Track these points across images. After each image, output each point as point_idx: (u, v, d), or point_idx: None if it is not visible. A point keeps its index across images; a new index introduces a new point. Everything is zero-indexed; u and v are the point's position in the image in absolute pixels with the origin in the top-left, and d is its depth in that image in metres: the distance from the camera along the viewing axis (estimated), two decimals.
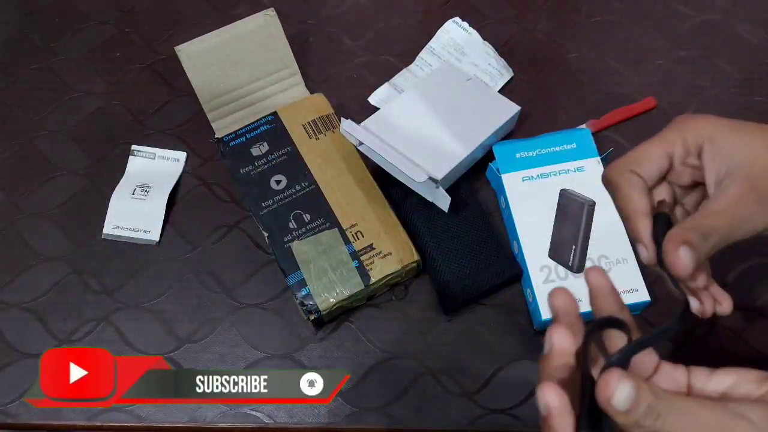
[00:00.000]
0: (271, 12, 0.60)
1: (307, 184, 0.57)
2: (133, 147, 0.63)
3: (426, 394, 0.52)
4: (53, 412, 0.52)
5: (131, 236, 0.58)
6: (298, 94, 0.64)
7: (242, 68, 0.61)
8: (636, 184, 0.34)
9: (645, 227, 0.33)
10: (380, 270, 0.53)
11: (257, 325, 0.55)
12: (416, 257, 0.54)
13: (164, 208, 0.59)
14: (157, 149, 0.63)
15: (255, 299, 0.56)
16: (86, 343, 0.54)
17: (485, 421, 0.51)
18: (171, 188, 0.60)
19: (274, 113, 0.60)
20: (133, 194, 0.60)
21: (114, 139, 0.64)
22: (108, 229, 0.59)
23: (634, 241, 0.35)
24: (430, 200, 0.55)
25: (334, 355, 0.53)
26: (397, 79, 0.66)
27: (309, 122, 0.59)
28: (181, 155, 0.63)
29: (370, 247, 0.54)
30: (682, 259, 0.31)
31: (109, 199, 0.59)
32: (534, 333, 0.54)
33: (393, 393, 0.52)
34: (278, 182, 0.56)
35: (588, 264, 0.53)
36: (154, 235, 0.58)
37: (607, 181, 0.36)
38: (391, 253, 0.54)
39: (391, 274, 0.53)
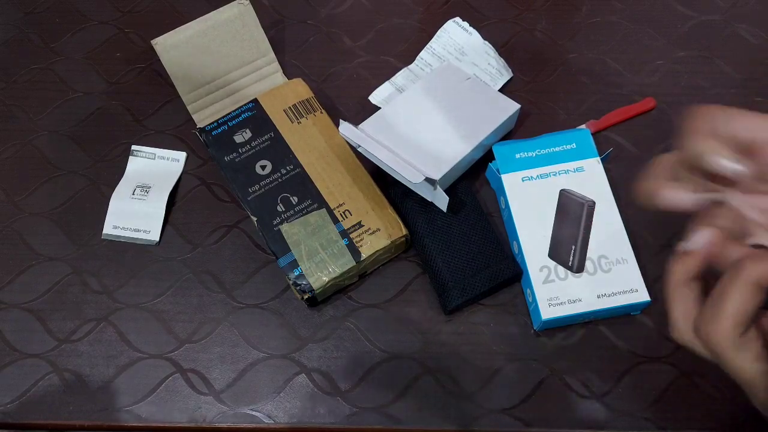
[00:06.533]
0: (244, 1, 0.60)
1: (292, 167, 0.57)
2: (133, 147, 0.63)
3: (426, 394, 0.52)
4: (53, 412, 0.52)
5: (131, 236, 0.58)
6: (277, 81, 0.65)
7: (219, 58, 0.62)
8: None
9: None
10: (370, 246, 0.54)
11: (257, 325, 0.55)
12: (404, 231, 0.55)
13: (164, 208, 0.59)
14: (157, 149, 0.63)
15: (255, 299, 0.56)
16: (86, 344, 0.54)
17: (485, 421, 0.51)
18: (171, 188, 0.60)
19: (255, 100, 0.61)
20: (133, 194, 0.60)
21: (114, 139, 0.64)
22: (108, 229, 0.59)
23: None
24: (430, 200, 0.55)
25: (334, 355, 0.53)
26: (397, 78, 0.66)
27: (290, 107, 0.60)
28: (181, 155, 0.63)
29: (359, 224, 0.54)
30: None
31: (109, 199, 0.59)
32: (534, 333, 0.54)
33: (393, 393, 0.52)
34: (263, 167, 0.57)
35: (588, 264, 0.53)
36: (154, 235, 0.58)
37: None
38: (380, 229, 0.54)
39: (381, 249, 0.54)
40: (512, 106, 0.59)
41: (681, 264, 0.35)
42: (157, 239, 0.58)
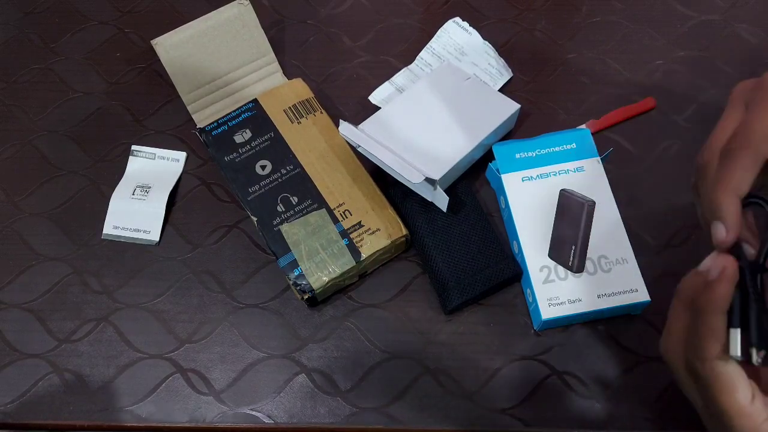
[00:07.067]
0: (244, 1, 0.60)
1: (292, 167, 0.57)
2: (133, 147, 0.63)
3: (426, 394, 0.52)
4: (53, 412, 0.52)
5: (131, 236, 0.58)
6: (277, 81, 0.65)
7: (219, 58, 0.62)
8: (745, 163, 0.32)
9: (730, 202, 0.32)
10: (370, 246, 0.54)
11: (257, 325, 0.55)
12: (404, 231, 0.55)
13: (164, 208, 0.59)
14: (157, 149, 0.63)
15: (255, 299, 0.56)
16: (86, 344, 0.54)
17: (485, 421, 0.51)
18: (171, 188, 0.60)
19: (255, 100, 0.61)
20: (133, 194, 0.60)
21: (114, 139, 0.64)
22: (108, 229, 0.59)
23: (711, 219, 0.33)
24: (430, 200, 0.55)
25: (334, 355, 0.53)
26: (397, 78, 0.66)
27: (290, 107, 0.60)
28: (181, 155, 0.63)
29: (359, 224, 0.54)
30: None
31: (109, 199, 0.59)
32: (534, 333, 0.54)
33: (393, 393, 0.52)
34: (263, 167, 0.57)
35: (588, 264, 0.53)
36: (154, 235, 0.58)
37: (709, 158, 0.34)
38: (380, 229, 0.54)
39: (381, 249, 0.54)
40: (512, 106, 0.59)
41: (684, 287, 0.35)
42: (157, 239, 0.58)
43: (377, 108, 0.64)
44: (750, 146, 0.32)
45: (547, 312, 0.51)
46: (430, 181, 0.51)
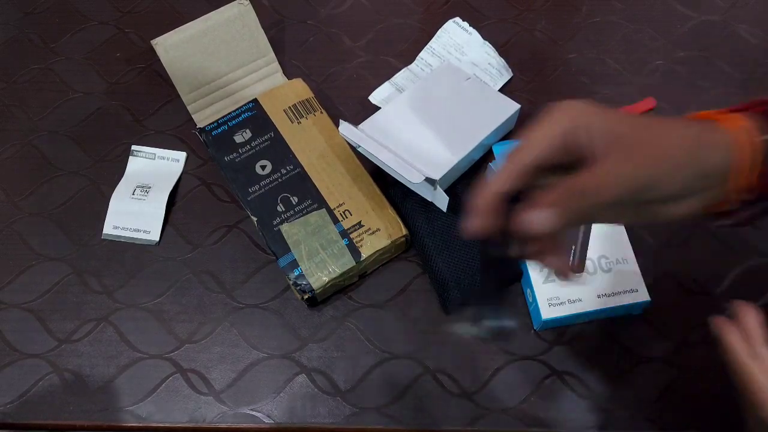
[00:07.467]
0: (244, 1, 0.60)
1: (292, 167, 0.57)
2: (133, 147, 0.63)
3: (426, 394, 0.52)
4: (53, 412, 0.52)
5: (131, 236, 0.58)
6: (277, 81, 0.65)
7: (219, 58, 0.62)
8: (509, 168, 0.36)
9: (483, 198, 0.35)
10: (370, 246, 0.54)
11: (257, 325, 0.55)
12: (404, 231, 0.55)
13: (164, 208, 0.59)
14: (157, 149, 0.63)
15: (255, 299, 0.56)
16: (86, 344, 0.54)
17: (485, 421, 0.51)
18: (171, 188, 0.60)
19: (255, 100, 0.61)
20: (133, 194, 0.60)
21: (114, 139, 0.64)
22: (108, 229, 0.59)
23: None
24: (430, 200, 0.55)
25: (334, 355, 0.53)
26: (397, 78, 0.66)
27: (290, 107, 0.60)
28: (181, 155, 0.63)
29: (359, 224, 0.54)
30: (535, 221, 0.33)
31: (109, 199, 0.59)
32: (534, 333, 0.54)
33: (393, 393, 0.52)
34: (263, 167, 0.57)
35: (588, 264, 0.53)
36: (154, 235, 0.58)
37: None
38: (380, 229, 0.54)
39: (381, 249, 0.54)
40: (512, 106, 0.59)
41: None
42: (157, 239, 0.58)
43: (377, 108, 0.64)
44: (511, 155, 0.37)
45: (547, 312, 0.51)
46: (430, 181, 0.51)
